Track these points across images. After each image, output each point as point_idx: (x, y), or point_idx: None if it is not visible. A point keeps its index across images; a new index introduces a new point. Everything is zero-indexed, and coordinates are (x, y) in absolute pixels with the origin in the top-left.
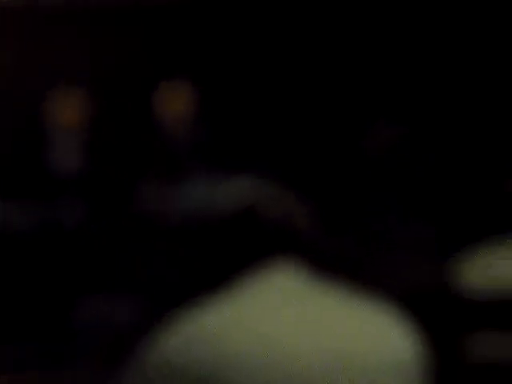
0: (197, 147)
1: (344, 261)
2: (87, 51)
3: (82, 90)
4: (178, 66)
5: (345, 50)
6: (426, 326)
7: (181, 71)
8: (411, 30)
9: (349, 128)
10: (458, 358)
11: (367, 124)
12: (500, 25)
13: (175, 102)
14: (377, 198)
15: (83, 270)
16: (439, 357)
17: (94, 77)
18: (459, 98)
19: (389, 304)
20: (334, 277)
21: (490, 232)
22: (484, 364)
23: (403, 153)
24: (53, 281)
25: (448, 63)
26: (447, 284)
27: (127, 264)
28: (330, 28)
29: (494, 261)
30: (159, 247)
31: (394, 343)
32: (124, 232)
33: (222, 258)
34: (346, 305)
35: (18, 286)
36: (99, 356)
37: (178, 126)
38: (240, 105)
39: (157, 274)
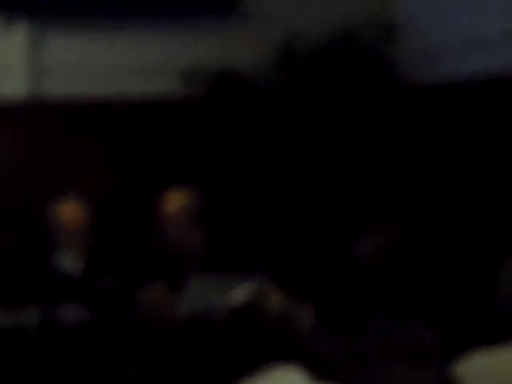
0: (200, 250)
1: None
2: (92, 152)
3: (86, 192)
4: (183, 168)
5: (338, 154)
6: None
7: (185, 173)
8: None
9: (343, 231)
10: None
11: (360, 226)
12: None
13: (179, 205)
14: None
15: (84, 367)
16: None
17: (98, 178)
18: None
19: None
20: (332, 380)
21: (488, 336)
22: None
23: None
24: (54, 376)
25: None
26: None
27: (126, 365)
28: (326, 132)
29: (493, 366)
30: (159, 349)
31: None
32: (125, 333)
33: (224, 360)
34: None
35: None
36: None
37: (181, 229)
38: (240, 208)
39: (156, 375)
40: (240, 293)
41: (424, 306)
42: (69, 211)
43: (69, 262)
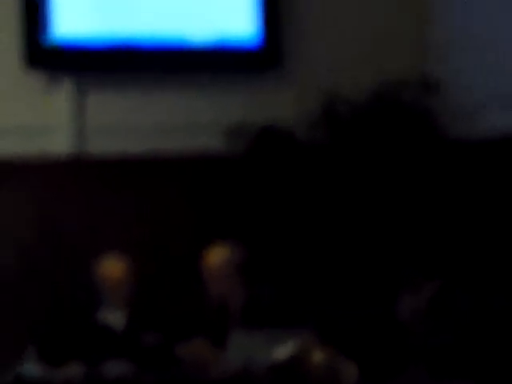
0: (243, 305)
1: None
2: (136, 208)
3: (130, 248)
4: (226, 224)
5: (382, 211)
6: None
7: (229, 229)
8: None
9: (385, 289)
10: None
11: (402, 283)
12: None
13: (221, 260)
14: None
15: None
16: None
17: (142, 234)
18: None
19: None
20: None
21: None
22: None
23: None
24: None
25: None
26: None
27: None
28: (370, 189)
29: None
30: None
31: None
32: None
33: None
34: None
35: None
36: None
37: (224, 284)
38: (283, 264)
39: None
40: (285, 349)
41: (465, 363)
42: (112, 268)
43: (113, 317)
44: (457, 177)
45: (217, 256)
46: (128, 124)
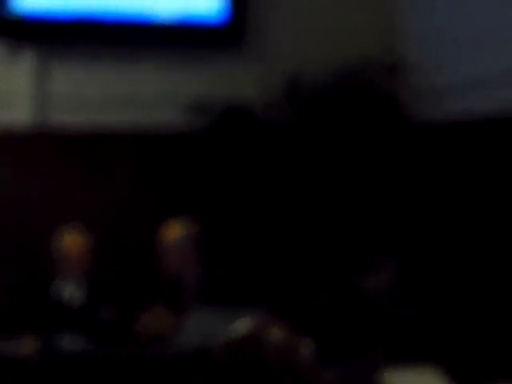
0: (199, 282)
1: None
2: (94, 181)
3: (87, 222)
4: (185, 200)
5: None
6: None
7: (187, 205)
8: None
9: (347, 265)
10: None
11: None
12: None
13: (179, 235)
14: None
15: None
16: None
17: (100, 208)
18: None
19: None
20: None
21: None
22: None
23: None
24: None
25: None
26: None
27: None
28: (330, 168)
29: None
30: (157, 381)
31: None
32: (123, 364)
33: None
34: None
35: None
36: None
37: (181, 259)
38: (242, 241)
39: None
40: (241, 325)
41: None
42: (70, 241)
43: (69, 291)
44: (418, 159)
45: (173, 231)
46: (90, 96)
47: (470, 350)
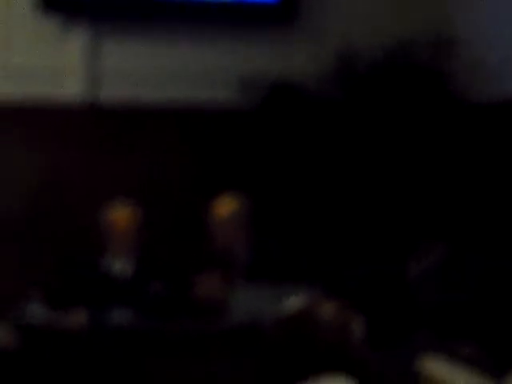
0: (248, 258)
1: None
2: (145, 157)
3: (137, 197)
4: (235, 176)
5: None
6: None
7: (237, 181)
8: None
9: (391, 249)
10: None
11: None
12: None
13: (229, 211)
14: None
15: (130, 371)
16: None
17: (150, 183)
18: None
19: None
20: None
21: None
22: None
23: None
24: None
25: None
26: None
27: (172, 371)
28: (381, 145)
29: None
30: (207, 356)
31: None
32: (173, 339)
33: (275, 369)
34: None
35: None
36: None
37: (230, 235)
38: (291, 218)
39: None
40: (293, 301)
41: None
42: (119, 216)
43: (118, 265)
44: (469, 139)
45: (225, 208)
46: (142, 72)
47: None
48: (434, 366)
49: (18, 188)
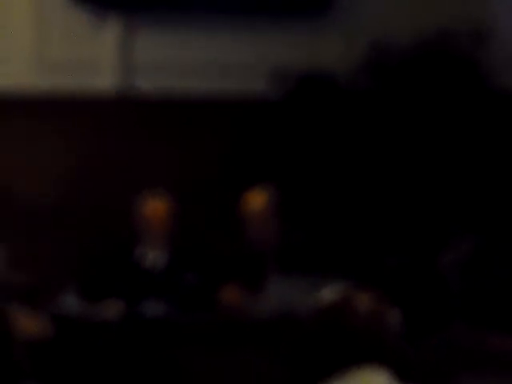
0: (277, 250)
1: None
2: (178, 148)
3: (171, 188)
4: (264, 167)
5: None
6: None
7: (266, 173)
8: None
9: (423, 241)
10: None
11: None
12: None
13: (261, 205)
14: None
15: (163, 361)
16: None
17: (183, 175)
18: None
19: None
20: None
21: None
22: None
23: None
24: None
25: None
26: None
27: (205, 362)
28: (413, 137)
29: None
30: (240, 347)
31: None
32: (205, 330)
33: (312, 359)
34: None
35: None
36: None
37: (262, 228)
38: (320, 209)
39: (236, 373)
40: (329, 292)
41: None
42: (153, 207)
43: (152, 257)
44: (503, 130)
45: (257, 200)
46: (174, 63)
47: None
48: None
49: (54, 179)
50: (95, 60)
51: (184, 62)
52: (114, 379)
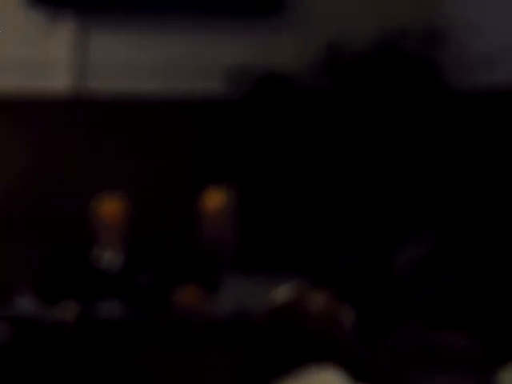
0: (235, 249)
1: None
2: (133, 149)
3: (126, 189)
4: (222, 167)
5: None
6: None
7: (224, 172)
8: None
9: (378, 239)
10: None
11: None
12: None
13: (218, 203)
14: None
15: (119, 362)
16: None
17: (138, 176)
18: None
19: None
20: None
21: None
22: None
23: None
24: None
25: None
26: None
27: (161, 362)
28: (368, 136)
29: None
30: (195, 347)
31: None
32: (160, 330)
33: (264, 358)
34: None
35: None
36: None
37: (219, 227)
38: (277, 208)
39: (190, 373)
40: (282, 292)
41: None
42: (109, 208)
43: (108, 258)
44: (457, 128)
45: (213, 199)
46: (128, 64)
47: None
48: None
49: (9, 180)
50: (49, 60)
51: (139, 62)
52: (70, 381)
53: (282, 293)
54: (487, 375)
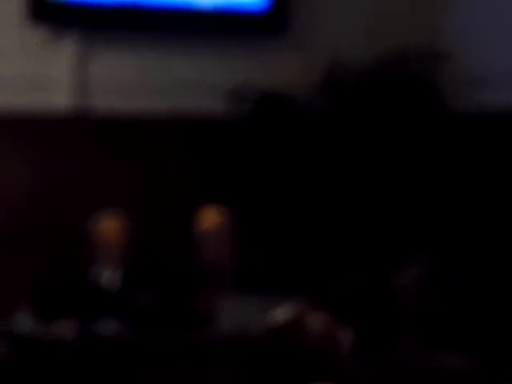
0: (233, 269)
1: None
2: (133, 167)
3: (126, 207)
4: (221, 186)
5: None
6: None
7: (222, 192)
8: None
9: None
10: None
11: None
12: None
13: (214, 223)
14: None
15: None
16: None
17: (138, 194)
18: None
19: None
20: None
21: None
22: None
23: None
24: None
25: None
26: None
27: (161, 380)
28: (369, 158)
29: None
30: (195, 366)
31: None
32: (160, 349)
33: (263, 379)
34: None
35: None
36: None
37: (216, 246)
38: (275, 229)
39: None
40: (281, 312)
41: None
42: (108, 226)
43: (107, 276)
44: (457, 150)
45: (210, 218)
46: (130, 82)
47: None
48: None
49: (5, 198)
50: (51, 78)
51: (140, 81)
52: None
53: (280, 313)
54: None
